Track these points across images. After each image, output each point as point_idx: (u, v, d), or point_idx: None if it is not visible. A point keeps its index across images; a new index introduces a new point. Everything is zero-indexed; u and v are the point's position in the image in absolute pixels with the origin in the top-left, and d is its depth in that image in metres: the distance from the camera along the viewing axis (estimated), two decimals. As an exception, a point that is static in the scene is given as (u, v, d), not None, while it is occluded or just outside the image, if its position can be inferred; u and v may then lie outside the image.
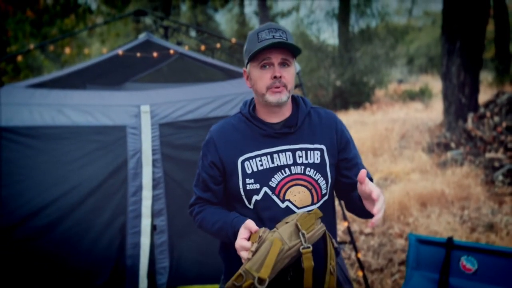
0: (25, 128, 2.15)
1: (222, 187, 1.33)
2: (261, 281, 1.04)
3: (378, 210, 1.11)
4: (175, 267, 2.24)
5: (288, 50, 1.23)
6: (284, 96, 1.24)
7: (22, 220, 2.14)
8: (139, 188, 2.22)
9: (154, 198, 2.24)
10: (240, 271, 1.06)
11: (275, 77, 1.22)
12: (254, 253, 1.08)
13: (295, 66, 1.30)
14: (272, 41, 1.19)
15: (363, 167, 1.40)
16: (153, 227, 2.24)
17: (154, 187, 2.24)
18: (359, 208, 1.27)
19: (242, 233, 1.16)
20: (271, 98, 1.23)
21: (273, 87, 1.22)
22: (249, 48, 1.25)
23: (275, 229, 1.15)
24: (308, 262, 1.11)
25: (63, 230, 2.17)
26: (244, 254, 1.12)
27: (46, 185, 2.17)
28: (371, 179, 1.36)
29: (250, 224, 1.16)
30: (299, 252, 1.11)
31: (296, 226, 1.12)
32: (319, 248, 1.21)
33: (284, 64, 1.24)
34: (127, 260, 2.21)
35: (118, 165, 2.21)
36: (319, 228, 1.17)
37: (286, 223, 1.15)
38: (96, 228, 2.22)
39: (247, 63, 1.28)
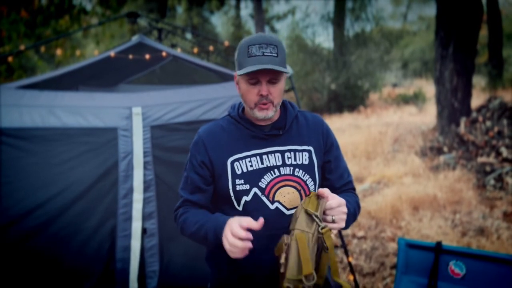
0: (15, 130, 2.13)
1: (211, 188, 1.32)
2: (308, 277, 1.03)
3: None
4: (165, 271, 2.23)
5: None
6: (270, 112, 1.25)
7: (11, 222, 2.11)
8: (130, 191, 2.20)
9: (145, 201, 2.23)
10: (285, 285, 1.04)
11: (261, 95, 1.22)
12: (286, 262, 1.07)
13: (285, 79, 1.29)
14: (260, 62, 1.17)
15: (346, 170, 1.42)
16: (143, 230, 2.23)
17: (145, 189, 2.22)
18: None
19: (238, 228, 1.10)
20: (258, 114, 1.25)
21: (260, 104, 1.24)
22: (238, 59, 1.24)
23: (291, 232, 1.14)
24: (329, 241, 1.10)
25: (52, 233, 2.15)
26: (238, 243, 1.08)
27: (36, 187, 2.15)
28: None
29: (249, 220, 1.11)
30: (319, 233, 1.10)
31: (306, 212, 1.13)
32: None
33: (271, 81, 1.23)
34: (117, 263, 2.20)
35: (108, 167, 2.20)
36: (323, 203, 1.16)
37: (297, 218, 1.14)
38: (86, 231, 2.20)
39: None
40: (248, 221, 1.10)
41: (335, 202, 1.15)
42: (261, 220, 1.11)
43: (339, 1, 12.91)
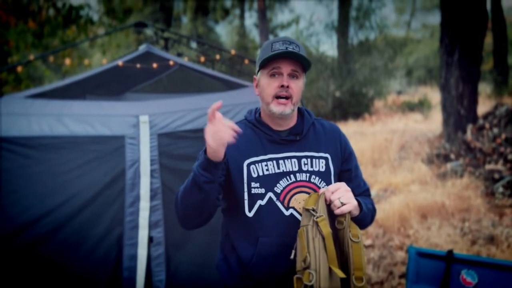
0: (23, 138, 2.15)
1: (221, 181, 1.24)
2: (305, 260, 1.06)
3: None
4: (171, 280, 2.21)
5: (298, 62, 1.24)
6: (288, 109, 1.25)
7: (19, 230, 2.11)
8: (137, 199, 2.20)
9: (151, 209, 2.22)
10: (295, 277, 1.08)
11: (282, 86, 1.23)
12: (295, 259, 1.12)
13: (304, 79, 1.30)
14: (284, 51, 1.21)
15: (362, 179, 1.40)
16: (150, 239, 2.22)
17: (152, 197, 2.22)
18: None
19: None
20: (275, 108, 1.24)
21: (279, 96, 1.23)
22: (261, 56, 1.27)
23: None
24: (325, 229, 1.10)
25: (59, 241, 2.15)
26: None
27: (43, 195, 2.15)
28: (367, 194, 1.36)
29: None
30: (316, 223, 1.11)
31: (305, 209, 1.14)
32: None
33: (293, 75, 1.25)
34: (124, 272, 2.18)
35: (115, 175, 2.20)
36: (322, 197, 1.16)
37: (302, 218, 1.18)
38: (92, 239, 2.19)
39: (258, 70, 1.30)
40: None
41: (333, 186, 1.16)
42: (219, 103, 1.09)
43: (343, 10, 12.99)
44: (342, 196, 1.13)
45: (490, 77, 11.65)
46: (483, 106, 7.80)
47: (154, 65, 2.74)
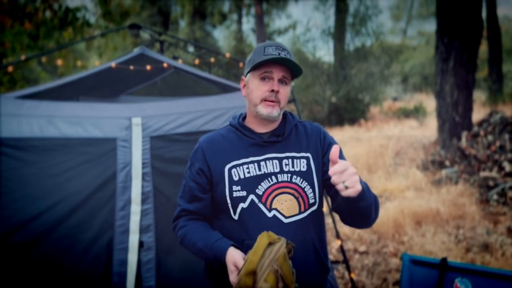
0: (13, 140, 2.11)
1: (209, 196, 1.32)
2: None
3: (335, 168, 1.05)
4: (162, 286, 2.17)
5: (289, 69, 1.27)
6: (275, 111, 1.27)
7: (8, 232, 2.07)
8: (128, 202, 2.16)
9: (142, 213, 2.18)
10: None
11: (272, 90, 1.25)
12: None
13: (291, 86, 1.34)
14: (277, 57, 1.23)
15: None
16: (140, 244, 2.18)
17: (143, 201, 2.18)
18: (346, 210, 1.20)
19: (233, 270, 1.15)
20: (263, 110, 1.26)
21: (268, 100, 1.26)
22: (253, 58, 1.28)
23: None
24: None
25: (48, 245, 2.10)
26: None
27: (33, 198, 2.11)
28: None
29: (236, 258, 1.15)
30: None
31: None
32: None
33: (282, 81, 1.28)
34: (114, 277, 2.14)
35: (107, 178, 2.16)
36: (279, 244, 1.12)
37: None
38: (82, 243, 2.15)
39: (248, 72, 1.31)
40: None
41: (338, 167, 1.03)
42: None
43: (339, 16, 13.07)
44: (347, 179, 1.03)
45: (485, 84, 11.75)
46: (478, 114, 7.85)
47: (148, 67, 2.71)
